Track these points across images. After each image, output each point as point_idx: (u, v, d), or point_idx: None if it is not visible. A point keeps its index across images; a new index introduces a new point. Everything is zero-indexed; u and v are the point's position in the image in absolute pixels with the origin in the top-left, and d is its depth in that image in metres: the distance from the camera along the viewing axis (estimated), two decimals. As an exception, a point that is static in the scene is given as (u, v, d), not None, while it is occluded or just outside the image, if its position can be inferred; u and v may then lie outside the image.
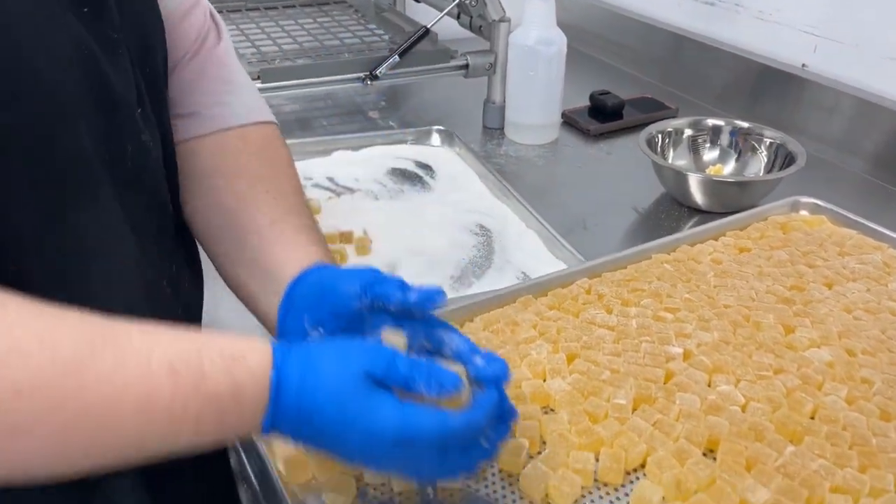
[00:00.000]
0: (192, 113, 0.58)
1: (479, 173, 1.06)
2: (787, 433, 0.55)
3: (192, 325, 0.58)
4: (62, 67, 0.40)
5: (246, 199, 0.57)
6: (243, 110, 0.59)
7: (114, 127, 0.45)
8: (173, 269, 0.55)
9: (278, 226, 0.56)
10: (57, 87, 0.40)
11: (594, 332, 0.66)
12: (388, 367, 0.42)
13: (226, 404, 0.38)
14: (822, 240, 0.81)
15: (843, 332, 0.66)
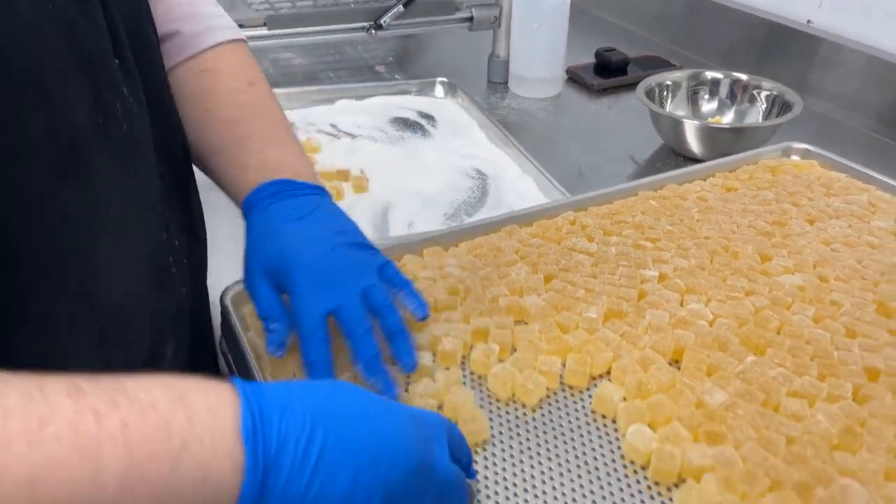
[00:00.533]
0: (173, 33, 0.58)
1: (481, 123, 1.08)
2: (751, 346, 0.57)
3: (198, 293, 0.58)
4: (38, 27, 0.37)
5: (238, 116, 0.59)
6: (219, 31, 0.60)
7: (98, 84, 0.42)
8: (176, 239, 0.53)
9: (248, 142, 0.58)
10: (35, 47, 0.37)
11: (574, 258, 0.68)
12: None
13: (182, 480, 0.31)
14: (811, 182, 0.81)
15: (818, 262, 0.67)
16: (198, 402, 0.32)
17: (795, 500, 0.44)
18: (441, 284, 0.64)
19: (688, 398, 0.52)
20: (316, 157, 0.94)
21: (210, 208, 0.67)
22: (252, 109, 0.59)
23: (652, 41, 1.45)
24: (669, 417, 0.50)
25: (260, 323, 0.56)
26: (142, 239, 0.47)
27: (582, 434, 0.51)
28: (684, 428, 0.49)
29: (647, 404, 0.51)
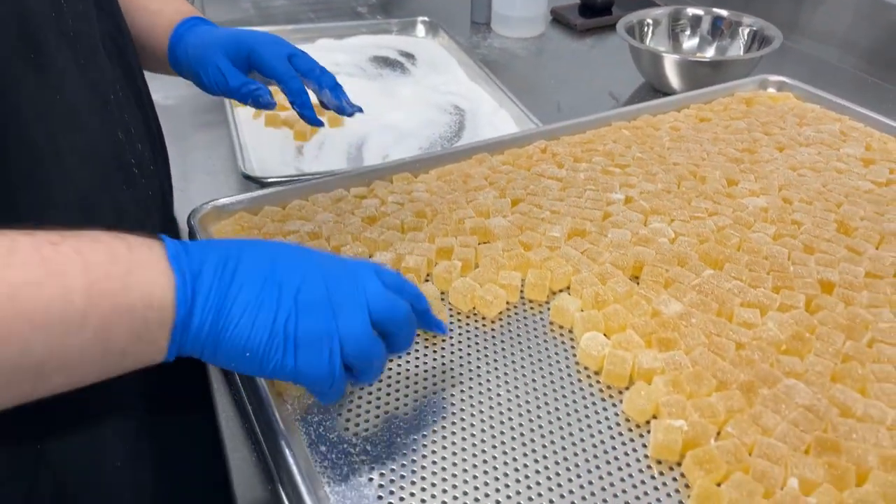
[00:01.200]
0: None
1: (461, 61, 1.07)
2: (710, 261, 0.58)
3: (166, 216, 0.61)
4: None
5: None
6: None
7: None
8: (138, 143, 0.55)
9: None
10: None
11: (542, 183, 0.68)
12: None
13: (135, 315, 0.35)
14: (784, 112, 0.82)
15: (784, 185, 0.68)
16: (133, 239, 0.37)
17: (740, 398, 0.45)
18: (409, 208, 0.65)
19: (643, 308, 0.53)
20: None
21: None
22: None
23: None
24: (624, 325, 0.51)
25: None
26: (103, 135, 0.49)
27: (539, 343, 0.52)
28: (638, 335, 0.50)
29: (603, 314, 0.52)
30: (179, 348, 0.37)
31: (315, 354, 0.39)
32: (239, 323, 0.37)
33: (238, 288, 0.37)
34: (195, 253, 0.38)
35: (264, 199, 0.65)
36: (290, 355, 0.38)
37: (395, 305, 0.42)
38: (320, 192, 0.67)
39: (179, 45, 0.65)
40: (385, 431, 0.46)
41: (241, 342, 0.37)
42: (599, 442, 0.45)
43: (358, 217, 0.63)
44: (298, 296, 0.39)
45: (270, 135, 0.86)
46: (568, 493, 0.42)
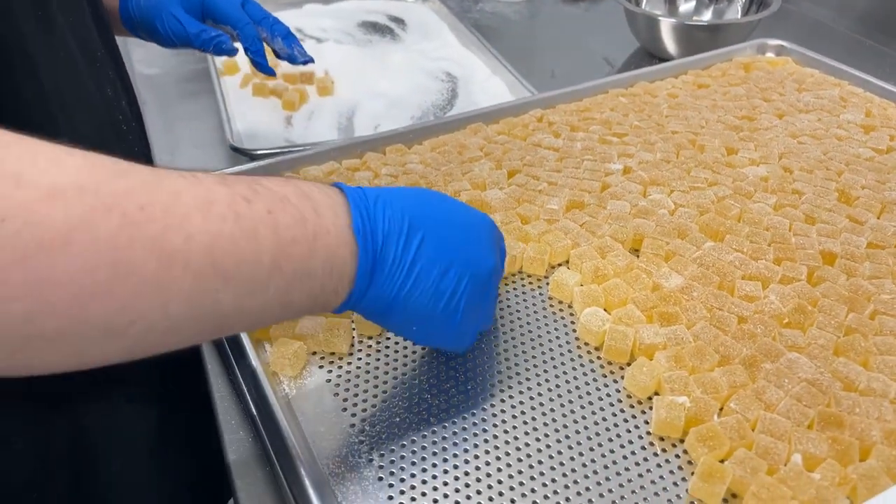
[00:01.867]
0: None
1: (452, 26, 1.04)
2: (710, 233, 0.57)
3: (149, 157, 0.65)
4: None
5: None
6: None
7: None
8: (123, 99, 0.57)
9: None
10: None
11: (538, 153, 0.67)
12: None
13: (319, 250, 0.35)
14: (783, 78, 0.80)
15: (784, 154, 0.66)
16: (319, 199, 0.36)
17: (742, 372, 0.45)
18: (402, 181, 0.63)
19: (644, 282, 0.52)
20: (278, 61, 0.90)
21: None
22: None
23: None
24: (625, 300, 0.51)
25: None
26: (97, 90, 0.50)
27: (538, 319, 0.52)
28: (638, 310, 0.50)
29: (603, 288, 0.51)
30: (351, 308, 0.39)
31: (470, 325, 0.43)
32: (416, 302, 0.39)
33: (418, 270, 0.38)
34: (379, 220, 0.37)
35: (253, 173, 0.63)
36: (451, 331, 0.41)
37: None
38: (311, 165, 0.65)
39: (131, 0, 0.66)
40: (383, 411, 0.45)
41: (411, 317, 0.39)
42: (601, 419, 0.45)
43: (351, 190, 0.62)
44: (467, 281, 0.40)
45: (258, 105, 0.84)
46: (570, 471, 0.42)
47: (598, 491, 0.41)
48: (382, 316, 0.39)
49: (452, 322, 0.41)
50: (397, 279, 0.38)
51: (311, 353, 0.49)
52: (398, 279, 0.38)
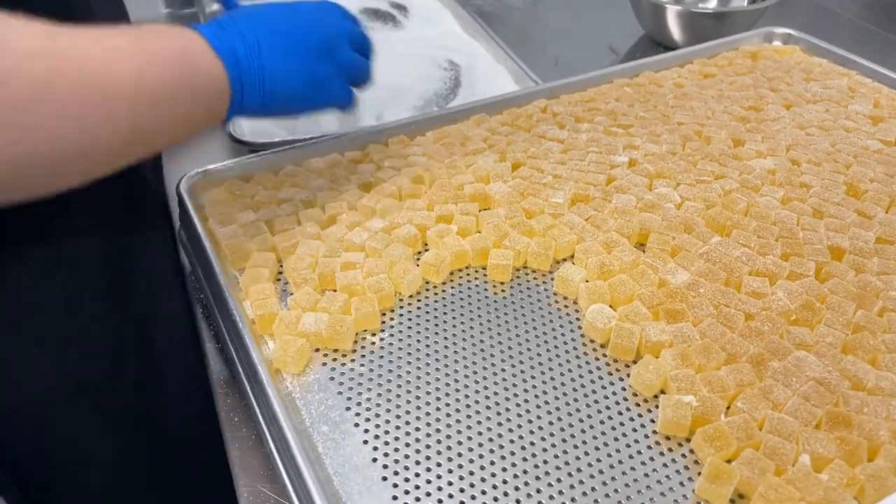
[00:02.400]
0: None
1: (455, 13, 1.03)
2: (717, 227, 0.56)
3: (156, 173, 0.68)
4: None
5: None
6: None
7: None
8: None
9: None
10: None
11: (543, 145, 0.66)
12: None
13: (194, 81, 0.45)
14: (791, 67, 0.79)
15: (791, 146, 0.66)
16: (184, 38, 0.44)
17: (750, 371, 0.44)
18: (406, 173, 0.62)
19: (650, 278, 0.51)
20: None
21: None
22: None
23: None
24: (631, 297, 0.50)
25: (216, 207, 0.56)
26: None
27: (543, 315, 0.51)
28: (645, 307, 0.49)
29: (609, 284, 0.51)
30: (238, 114, 0.48)
31: (334, 88, 0.53)
32: (281, 94, 0.49)
33: (272, 66, 0.48)
34: (237, 44, 0.47)
35: (255, 166, 0.63)
36: (319, 98, 0.52)
37: (360, 31, 0.57)
38: (314, 157, 0.64)
39: None
40: (387, 409, 0.45)
41: (282, 106, 0.50)
42: (606, 417, 0.44)
43: (354, 184, 0.61)
44: (313, 56, 0.50)
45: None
46: (576, 471, 0.41)
47: (604, 491, 0.40)
48: (262, 113, 0.50)
49: (317, 96, 0.52)
50: (261, 85, 0.48)
51: (314, 350, 0.48)
52: (261, 85, 0.48)
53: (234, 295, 0.50)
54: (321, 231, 0.56)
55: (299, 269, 0.53)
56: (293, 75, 0.49)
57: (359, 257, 0.53)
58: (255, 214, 0.58)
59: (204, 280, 0.55)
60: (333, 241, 0.55)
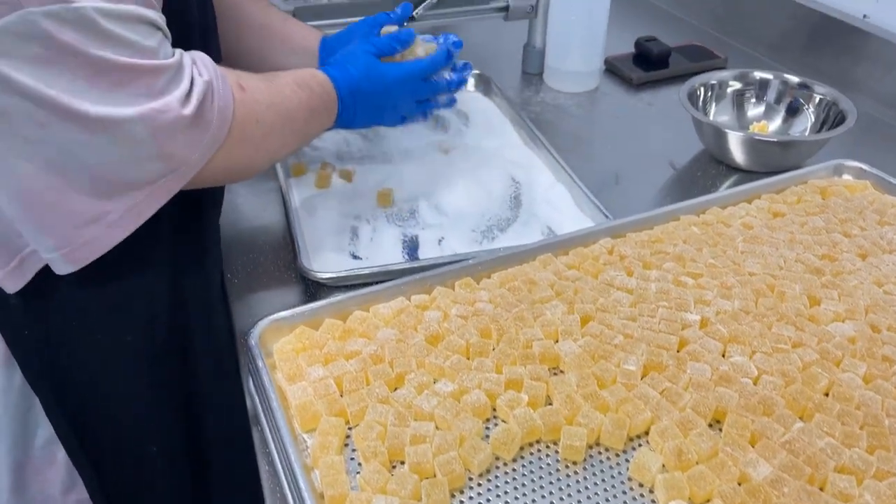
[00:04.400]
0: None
1: (514, 121, 1.04)
2: (798, 409, 0.54)
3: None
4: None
5: (260, 11, 0.83)
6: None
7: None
8: None
9: (288, 22, 0.85)
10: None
11: (611, 295, 0.65)
12: (380, 47, 0.77)
13: (325, 102, 0.71)
14: (863, 207, 0.77)
15: (870, 307, 0.64)
16: (322, 95, 0.72)
17: None
18: (472, 323, 0.62)
19: (730, 471, 0.50)
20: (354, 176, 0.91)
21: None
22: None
23: (695, 26, 1.38)
24: (710, 493, 0.48)
25: (285, 360, 0.58)
26: None
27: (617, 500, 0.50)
28: (726, 505, 0.47)
29: (687, 477, 0.49)
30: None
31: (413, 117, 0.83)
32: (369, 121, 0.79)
33: (364, 107, 0.76)
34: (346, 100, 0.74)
35: (323, 311, 0.63)
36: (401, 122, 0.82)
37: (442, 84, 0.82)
38: (381, 303, 0.64)
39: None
40: None
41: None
42: None
43: (421, 334, 0.61)
44: (393, 110, 0.80)
45: (324, 209, 0.84)
46: None
47: None
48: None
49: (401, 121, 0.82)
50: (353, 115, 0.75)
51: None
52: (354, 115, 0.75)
53: (302, 463, 0.50)
54: (389, 394, 0.56)
55: (368, 440, 0.52)
56: (378, 118, 0.79)
57: (428, 428, 0.53)
58: (323, 370, 0.58)
59: (272, 440, 0.55)
60: (402, 407, 0.55)
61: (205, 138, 0.56)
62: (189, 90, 0.55)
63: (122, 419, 0.71)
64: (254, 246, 0.80)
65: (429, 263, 0.73)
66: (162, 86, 0.53)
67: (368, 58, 0.75)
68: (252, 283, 0.74)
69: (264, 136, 0.63)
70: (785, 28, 1.21)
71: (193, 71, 0.57)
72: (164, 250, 0.67)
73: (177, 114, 0.53)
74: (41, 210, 0.53)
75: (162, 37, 0.55)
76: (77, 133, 0.50)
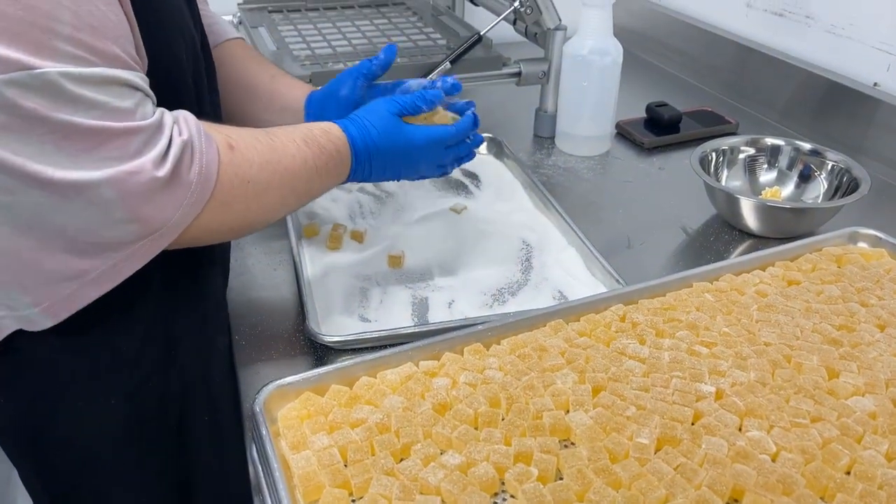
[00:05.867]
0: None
1: (525, 184, 1.04)
2: (819, 488, 0.52)
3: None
4: (189, 23, 0.66)
5: (249, 69, 0.84)
6: (228, 29, 0.86)
7: (194, 53, 0.67)
8: None
9: (276, 79, 0.84)
10: (191, 35, 0.65)
11: (624, 364, 0.64)
12: (404, 105, 0.73)
13: (335, 159, 0.68)
14: (880, 276, 0.76)
15: (890, 381, 0.62)
16: (333, 154, 0.69)
17: None
18: (481, 391, 0.61)
19: (749, 555, 0.47)
20: (365, 237, 0.91)
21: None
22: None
23: (705, 92, 1.40)
24: (729, 579, 0.46)
25: (290, 428, 0.57)
26: None
27: (631, 588, 0.47)
28: None
29: (705, 561, 0.47)
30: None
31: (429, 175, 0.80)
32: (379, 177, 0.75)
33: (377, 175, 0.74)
34: (361, 158, 0.71)
35: (330, 376, 0.62)
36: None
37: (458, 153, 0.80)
38: (388, 369, 0.63)
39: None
40: None
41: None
42: None
43: (428, 402, 0.60)
44: (407, 169, 0.76)
45: (334, 271, 0.84)
46: None
47: None
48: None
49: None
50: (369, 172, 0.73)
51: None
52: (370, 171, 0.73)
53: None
54: (395, 465, 0.54)
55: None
56: (395, 176, 0.76)
57: (435, 503, 0.51)
58: (328, 438, 0.56)
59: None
60: (407, 479, 0.53)
61: (184, 200, 0.54)
62: (166, 151, 0.53)
63: (110, 491, 0.67)
64: (263, 307, 0.80)
65: (438, 327, 0.72)
66: (136, 147, 0.51)
67: (390, 118, 0.72)
68: (259, 345, 0.74)
69: (257, 196, 0.60)
70: (795, 95, 1.22)
71: (174, 131, 0.55)
72: (154, 313, 0.65)
73: (149, 176, 0.51)
74: (17, 269, 0.53)
75: (141, 97, 0.53)
76: (47, 198, 0.49)
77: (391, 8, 1.44)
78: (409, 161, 0.74)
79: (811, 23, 1.21)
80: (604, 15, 1.06)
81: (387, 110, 0.72)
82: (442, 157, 0.76)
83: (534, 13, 1.12)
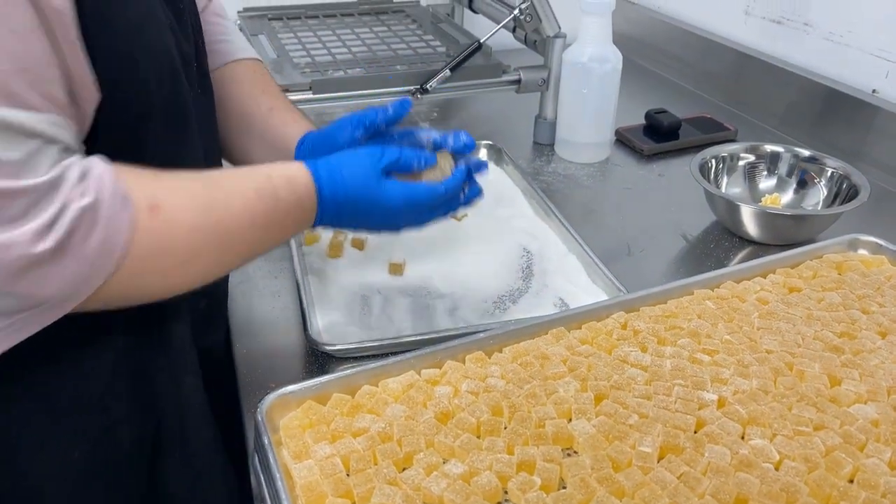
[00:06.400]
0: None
1: (525, 191, 1.04)
2: (822, 497, 0.52)
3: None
4: (167, 42, 0.57)
5: (248, 98, 0.76)
6: (240, 47, 0.79)
7: (189, 75, 0.61)
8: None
9: (274, 112, 0.76)
10: (167, 55, 0.57)
11: (626, 372, 0.64)
12: (391, 162, 0.63)
13: (295, 212, 0.60)
14: (881, 283, 0.76)
15: (892, 388, 0.62)
16: (296, 202, 0.60)
17: None
18: (484, 400, 0.61)
19: (753, 564, 0.47)
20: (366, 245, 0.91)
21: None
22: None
23: (704, 99, 1.40)
24: (733, 589, 0.46)
25: (292, 437, 0.57)
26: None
27: None
28: None
29: (709, 570, 0.47)
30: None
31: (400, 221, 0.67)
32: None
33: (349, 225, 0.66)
34: (328, 212, 0.62)
35: (332, 385, 0.62)
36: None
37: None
38: (391, 377, 0.63)
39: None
40: None
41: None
42: None
43: (431, 411, 0.60)
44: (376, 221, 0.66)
45: (335, 279, 0.84)
46: None
47: None
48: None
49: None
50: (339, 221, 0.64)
51: None
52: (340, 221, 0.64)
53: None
54: (397, 474, 0.54)
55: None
56: (369, 230, 0.68)
57: (438, 513, 0.51)
58: (330, 447, 0.56)
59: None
60: (410, 489, 0.53)
61: (76, 274, 0.46)
62: (53, 220, 0.44)
63: None
64: (264, 314, 0.80)
65: (440, 336, 0.72)
66: (14, 213, 0.43)
67: (371, 173, 0.62)
68: (260, 353, 0.74)
69: (181, 265, 0.52)
70: (794, 102, 1.23)
71: (75, 191, 0.46)
72: (114, 358, 0.59)
73: (23, 252, 0.43)
74: None
75: (38, 145, 0.44)
76: None
77: (391, 16, 1.45)
78: (386, 220, 0.65)
79: (809, 30, 1.21)
80: (603, 22, 1.06)
81: (370, 164, 0.62)
82: (426, 217, 0.67)
83: (533, 21, 1.12)
